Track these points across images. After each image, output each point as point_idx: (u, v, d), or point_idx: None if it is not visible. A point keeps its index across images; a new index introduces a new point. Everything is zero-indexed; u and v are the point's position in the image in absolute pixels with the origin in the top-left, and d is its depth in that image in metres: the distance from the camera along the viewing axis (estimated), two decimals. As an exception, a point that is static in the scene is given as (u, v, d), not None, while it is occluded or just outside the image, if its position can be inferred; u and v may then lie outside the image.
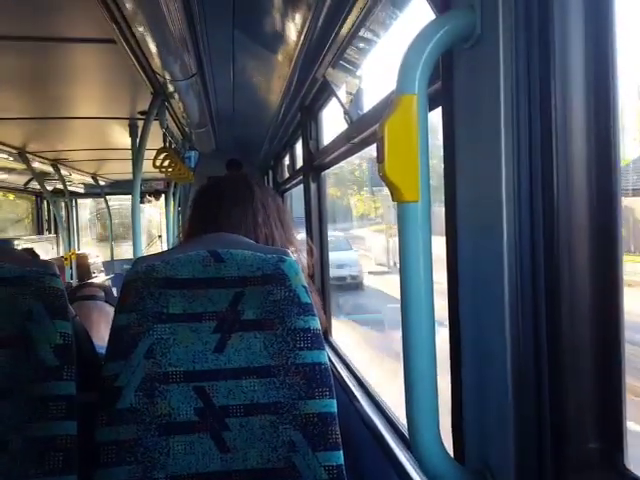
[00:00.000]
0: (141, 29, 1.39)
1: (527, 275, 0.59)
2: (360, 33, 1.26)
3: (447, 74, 0.70)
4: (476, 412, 0.68)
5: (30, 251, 4.16)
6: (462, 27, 0.61)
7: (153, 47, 1.51)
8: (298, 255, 1.17)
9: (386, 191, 0.63)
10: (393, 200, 0.62)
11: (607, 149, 0.54)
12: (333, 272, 2.44)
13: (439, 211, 0.75)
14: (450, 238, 0.72)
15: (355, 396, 1.47)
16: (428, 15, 0.82)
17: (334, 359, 1.80)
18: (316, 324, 0.90)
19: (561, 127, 0.55)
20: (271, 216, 1.14)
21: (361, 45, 1.36)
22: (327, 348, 0.97)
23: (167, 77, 1.82)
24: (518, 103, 0.58)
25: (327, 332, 2.06)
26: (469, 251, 0.68)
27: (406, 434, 1.10)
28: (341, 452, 0.87)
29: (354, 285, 7.58)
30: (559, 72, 0.55)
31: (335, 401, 0.89)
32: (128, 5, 1.23)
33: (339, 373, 1.67)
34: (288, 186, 3.34)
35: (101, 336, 1.36)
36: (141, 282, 0.88)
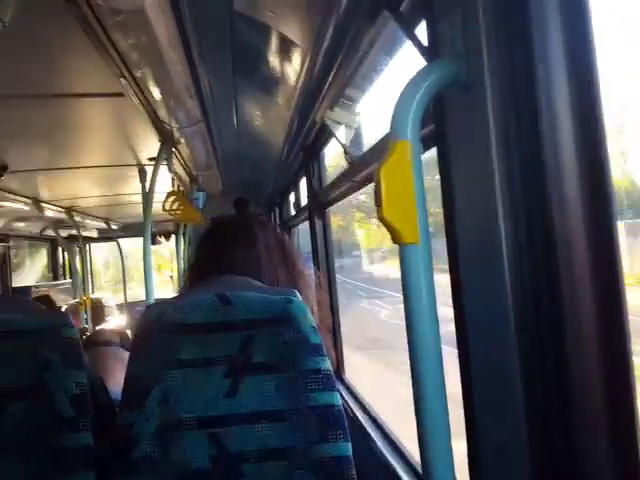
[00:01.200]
0: (147, 81, 1.44)
1: (530, 308, 0.60)
2: (356, 77, 1.31)
3: (439, 117, 0.72)
4: (491, 452, 0.67)
5: (46, 298, 4.20)
6: (450, 74, 0.63)
7: (159, 98, 1.57)
8: (306, 293, 1.12)
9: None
10: (393, 242, 0.63)
11: (600, 185, 0.55)
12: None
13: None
14: (454, 275, 0.72)
15: (370, 436, 1.44)
16: (419, 60, 0.86)
17: (348, 398, 1.78)
18: (326, 365, 0.89)
19: (552, 164, 0.57)
20: (274, 257, 1.12)
21: (358, 87, 1.40)
22: (340, 387, 0.97)
23: (174, 125, 1.88)
24: (509, 142, 0.60)
25: (340, 370, 2.04)
26: (472, 285, 0.69)
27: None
28: None
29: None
30: (545, 110, 0.57)
31: (350, 444, 0.87)
32: (133, 60, 1.29)
33: (354, 413, 1.64)
34: (294, 222, 3.38)
35: (117, 381, 1.36)
36: (152, 329, 0.89)
